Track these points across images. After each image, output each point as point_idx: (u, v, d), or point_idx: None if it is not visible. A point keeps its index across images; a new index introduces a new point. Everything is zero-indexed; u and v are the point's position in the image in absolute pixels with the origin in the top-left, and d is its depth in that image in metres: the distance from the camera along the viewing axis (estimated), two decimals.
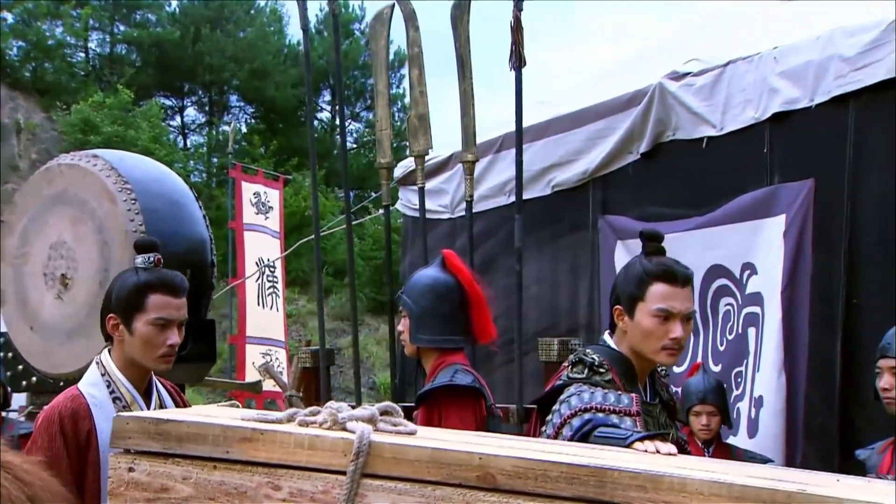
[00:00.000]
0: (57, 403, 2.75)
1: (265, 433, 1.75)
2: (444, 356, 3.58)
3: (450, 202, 6.52)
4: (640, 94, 5.25)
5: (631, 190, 5.35)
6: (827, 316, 4.34)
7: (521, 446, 1.80)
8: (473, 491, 1.69)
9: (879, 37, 4.22)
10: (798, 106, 4.55)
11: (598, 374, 2.70)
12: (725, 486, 1.57)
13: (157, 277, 2.84)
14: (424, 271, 3.77)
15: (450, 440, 1.82)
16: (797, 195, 4.46)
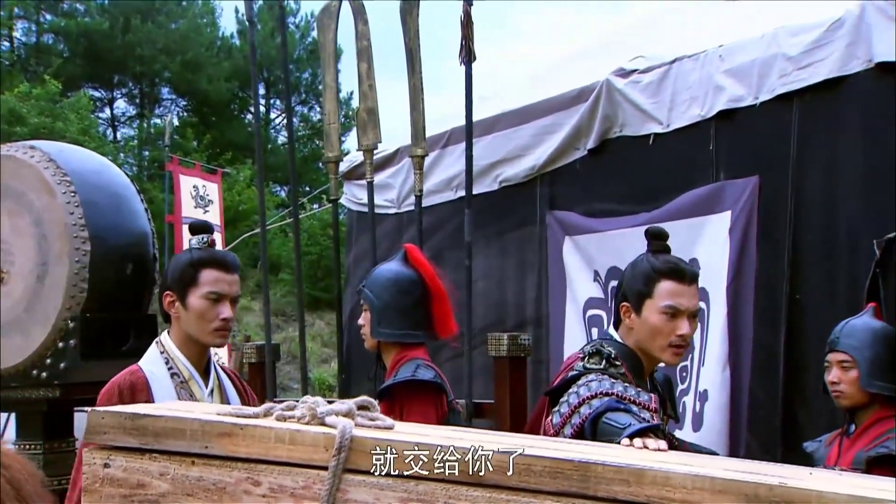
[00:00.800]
0: (117, 378, 2.90)
1: (245, 428, 1.73)
2: (405, 351, 3.58)
3: (396, 197, 6.50)
4: (588, 91, 5.30)
5: (578, 186, 5.39)
6: (771, 311, 4.42)
7: (504, 440, 1.80)
8: (456, 485, 1.68)
9: (822, 36, 4.31)
10: (743, 104, 4.63)
11: (614, 366, 2.72)
12: (708, 480, 1.58)
13: (209, 254, 3.00)
14: (386, 265, 3.75)
15: (431, 434, 1.82)
16: (742, 192, 4.54)
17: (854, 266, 4.08)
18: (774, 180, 4.45)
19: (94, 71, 25.99)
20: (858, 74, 4.17)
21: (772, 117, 4.50)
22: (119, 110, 28.41)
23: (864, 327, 3.46)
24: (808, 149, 4.37)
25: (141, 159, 25.45)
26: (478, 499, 1.67)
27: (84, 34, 25.18)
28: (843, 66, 4.22)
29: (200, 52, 26.23)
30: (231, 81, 26.58)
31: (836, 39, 4.26)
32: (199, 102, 27.00)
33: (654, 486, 1.61)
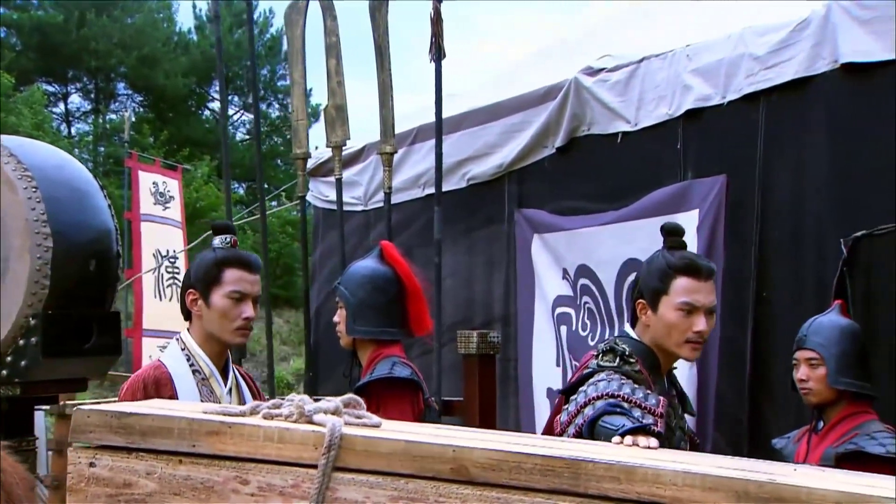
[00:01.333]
0: (141, 372, 2.97)
1: (233, 426, 1.71)
2: (381, 348, 3.57)
3: (363, 194, 6.48)
4: (556, 89, 5.31)
5: (546, 184, 5.40)
6: (738, 309, 4.46)
7: (494, 439, 1.80)
8: (447, 484, 1.67)
9: (788, 37, 4.35)
10: (710, 103, 4.66)
11: (628, 363, 2.71)
12: (699, 477, 1.59)
13: (233, 254, 3.05)
14: (362, 262, 3.74)
15: (420, 433, 1.81)
16: (710, 191, 4.58)
17: (820, 264, 4.12)
18: (741, 179, 4.49)
19: (47, 65, 25.57)
20: (824, 75, 4.21)
21: (739, 117, 4.54)
22: (73, 105, 28.02)
23: (832, 325, 3.50)
24: (775, 148, 4.41)
25: (96, 155, 25.10)
26: (468, 497, 1.67)
27: (37, 28, 24.78)
28: (810, 66, 4.26)
29: (157, 47, 25.92)
30: (188, 77, 26.30)
31: (802, 40, 4.30)
32: (156, 98, 26.69)
33: (644, 484, 1.61)
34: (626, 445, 2.10)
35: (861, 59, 4.06)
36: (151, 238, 10.38)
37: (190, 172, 21.72)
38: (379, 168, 5.83)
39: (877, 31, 3.99)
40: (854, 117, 4.10)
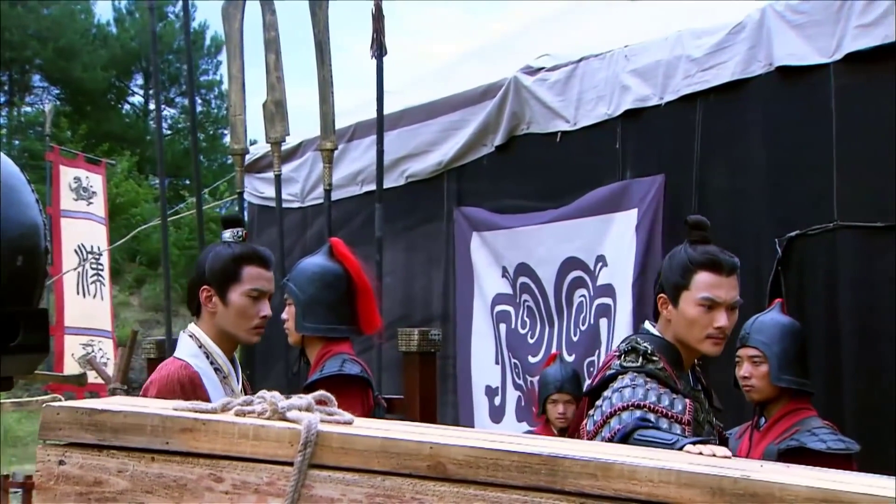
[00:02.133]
0: (170, 374, 2.77)
1: (208, 423, 1.68)
2: (330, 345, 3.54)
3: (300, 191, 6.43)
4: (495, 88, 5.34)
5: (486, 182, 5.43)
6: None
7: (471, 436, 1.80)
8: (424, 481, 1.66)
9: (724, 39, 4.44)
10: (648, 103, 4.73)
11: (651, 361, 2.68)
12: (674, 474, 1.61)
13: (251, 250, 2.91)
14: (311, 259, 3.71)
15: (394, 430, 1.80)
16: (648, 190, 4.65)
17: (757, 263, 4.21)
18: (679, 179, 4.57)
19: None
20: (760, 77, 4.31)
21: (677, 117, 4.62)
22: None
23: (773, 323, 3.58)
24: (712, 148, 4.50)
25: (11, 149, 24.42)
26: (445, 494, 1.67)
27: None
28: (745, 68, 4.35)
29: (75, 39, 25.29)
30: (108, 70, 25.76)
31: (738, 43, 4.39)
32: (74, 91, 26.04)
33: (620, 480, 1.62)
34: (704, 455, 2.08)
35: (795, 63, 4.16)
36: (73, 234, 10.15)
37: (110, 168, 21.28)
38: (316, 164, 5.79)
39: (810, 34, 4.09)
40: (789, 119, 4.20)
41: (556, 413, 4.41)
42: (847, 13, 3.96)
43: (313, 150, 6.26)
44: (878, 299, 3.85)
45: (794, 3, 4.15)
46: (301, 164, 6.41)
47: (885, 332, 3.77)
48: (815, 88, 4.08)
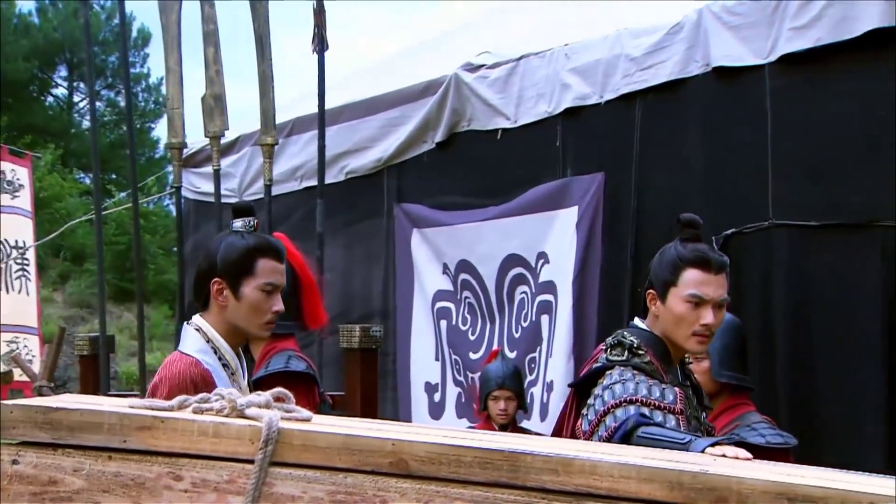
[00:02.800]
0: (180, 371, 2.61)
1: (166, 421, 1.65)
2: (275, 342, 3.49)
3: (237, 186, 6.36)
4: (436, 84, 5.34)
5: (426, 178, 5.43)
6: (615, 303, 4.59)
7: (433, 432, 1.80)
8: (386, 478, 1.66)
9: (663, 39, 4.50)
10: (588, 102, 4.78)
11: (637, 355, 2.68)
12: (635, 469, 1.63)
13: (265, 242, 2.74)
14: None
15: (355, 427, 1.79)
16: (588, 188, 4.69)
17: None
18: (619, 177, 4.63)
19: None
20: (697, 77, 4.38)
21: (616, 115, 4.67)
22: None
23: None
24: (651, 147, 4.56)
25: None
26: (407, 490, 1.67)
27: None
28: (683, 68, 4.42)
29: None
30: (30, 61, 25.12)
31: (676, 43, 4.46)
32: None
33: (582, 475, 1.64)
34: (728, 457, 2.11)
35: (731, 64, 4.23)
36: None
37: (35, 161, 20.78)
38: (255, 159, 5.74)
39: (745, 36, 4.17)
40: (726, 119, 4.28)
41: (498, 409, 4.43)
42: (781, 15, 4.04)
43: (251, 146, 6.19)
44: (812, 297, 3.95)
45: (730, 5, 4.22)
46: (238, 158, 6.34)
47: (818, 328, 3.86)
48: (751, 89, 4.15)
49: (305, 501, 1.66)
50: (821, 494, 1.59)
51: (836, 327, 3.83)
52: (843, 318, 3.81)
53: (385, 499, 1.66)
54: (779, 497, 1.59)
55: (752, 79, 4.15)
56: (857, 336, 3.78)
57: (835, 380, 3.79)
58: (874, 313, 3.71)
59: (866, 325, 3.75)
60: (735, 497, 1.61)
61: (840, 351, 3.81)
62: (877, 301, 3.72)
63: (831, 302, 3.84)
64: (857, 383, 3.74)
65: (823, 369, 3.83)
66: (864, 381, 3.71)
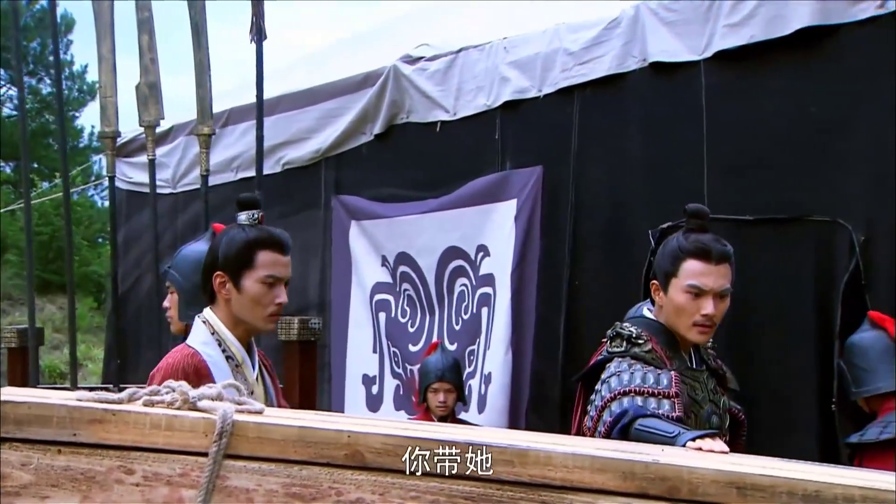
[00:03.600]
0: (176, 361, 2.68)
1: (118, 414, 1.62)
2: None
3: (171, 176, 6.26)
4: (374, 76, 5.32)
5: (365, 170, 5.41)
6: (553, 296, 4.63)
7: (389, 424, 1.79)
8: (341, 470, 1.65)
9: (600, 34, 4.54)
10: (527, 95, 4.81)
11: (637, 345, 2.69)
12: (588, 459, 1.65)
13: (266, 234, 2.77)
14: (194, 245, 3.60)
15: (308, 419, 1.78)
16: (527, 181, 4.72)
17: (633, 253, 4.31)
18: (557, 170, 4.66)
19: None
20: (635, 72, 4.43)
21: (555, 109, 4.70)
22: None
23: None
24: (589, 141, 4.60)
25: None
26: (363, 483, 1.66)
27: None
28: (621, 63, 4.47)
29: None
30: None
31: (614, 38, 4.50)
32: None
33: (536, 466, 1.65)
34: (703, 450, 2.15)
35: (668, 59, 4.29)
36: None
37: None
38: (189, 150, 5.66)
39: (681, 32, 4.23)
40: (663, 114, 4.33)
41: (437, 401, 4.45)
42: (716, 12, 4.10)
43: (185, 135, 6.11)
44: (747, 290, 4.00)
45: (666, 2, 4.27)
46: (172, 149, 6.25)
47: (754, 320, 3.93)
48: (687, 85, 4.21)
49: (260, 494, 1.65)
50: (769, 483, 1.62)
51: (771, 318, 3.91)
52: (778, 309, 3.90)
53: (340, 491, 1.65)
54: (728, 486, 1.63)
55: (689, 74, 4.21)
56: (792, 327, 3.87)
57: (771, 369, 3.88)
58: (807, 305, 3.80)
59: (800, 317, 3.84)
60: (686, 486, 1.64)
61: (775, 341, 3.90)
62: (809, 293, 3.80)
63: (766, 294, 3.92)
64: (792, 372, 3.83)
65: (759, 359, 3.90)
66: (799, 370, 3.80)
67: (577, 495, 1.64)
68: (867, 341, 3.49)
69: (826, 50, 3.82)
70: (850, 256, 3.64)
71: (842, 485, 1.61)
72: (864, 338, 3.50)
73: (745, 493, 1.62)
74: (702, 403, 2.77)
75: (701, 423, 2.71)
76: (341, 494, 1.65)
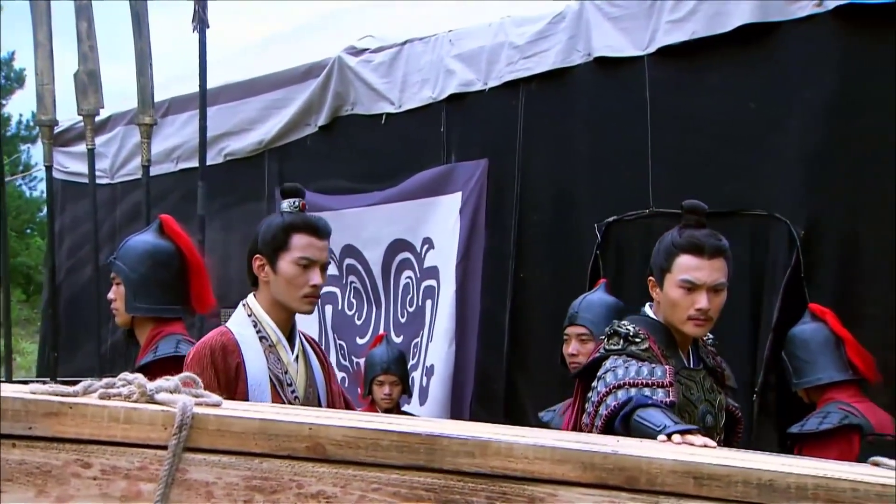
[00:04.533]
0: (208, 339, 2.85)
1: (75, 407, 1.58)
2: (162, 326, 3.41)
3: (109, 166, 6.14)
4: (318, 67, 5.29)
5: (309, 162, 5.37)
6: (498, 288, 4.65)
7: (349, 416, 1.79)
8: (303, 462, 1.64)
9: (545, 28, 4.57)
10: (473, 88, 4.82)
11: (634, 343, 2.70)
12: (549, 450, 1.66)
13: (301, 219, 2.91)
14: (140, 237, 3.54)
15: (267, 412, 1.77)
16: (472, 174, 4.74)
17: (577, 245, 4.37)
18: (502, 163, 4.68)
19: None
20: (580, 66, 4.47)
21: (500, 102, 4.72)
22: None
23: (600, 302, 3.72)
24: (535, 134, 4.62)
25: None
26: (324, 475, 1.65)
27: None
28: (566, 58, 4.50)
29: None
30: None
31: (559, 32, 4.53)
32: None
33: (498, 458, 1.66)
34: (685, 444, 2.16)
35: (612, 54, 4.33)
36: None
37: None
38: (127, 140, 5.57)
39: (625, 27, 4.28)
40: (608, 108, 4.37)
41: (382, 394, 4.44)
42: (659, 9, 4.16)
43: (124, 125, 6.01)
44: None
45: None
46: (110, 138, 6.14)
47: None
48: (632, 79, 4.26)
49: (220, 487, 1.63)
50: (724, 472, 1.65)
51: None
52: None
53: (301, 483, 1.64)
54: (685, 475, 1.65)
55: (633, 69, 4.26)
56: (729, 319, 3.92)
57: None
58: (743, 298, 3.85)
59: (734, 309, 3.89)
60: (644, 476, 1.66)
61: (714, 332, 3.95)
62: (745, 286, 3.85)
63: None
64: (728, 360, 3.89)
65: None
66: (734, 358, 3.85)
67: (538, 486, 1.65)
68: (807, 333, 3.56)
69: (765, 47, 3.89)
70: (789, 250, 3.70)
71: (795, 474, 1.64)
72: (805, 330, 3.57)
73: (702, 482, 1.64)
74: (696, 403, 2.80)
75: (695, 422, 2.73)
76: (302, 487, 1.64)
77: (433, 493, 1.64)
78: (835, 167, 3.68)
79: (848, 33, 3.65)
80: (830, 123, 3.68)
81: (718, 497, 1.63)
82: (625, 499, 1.64)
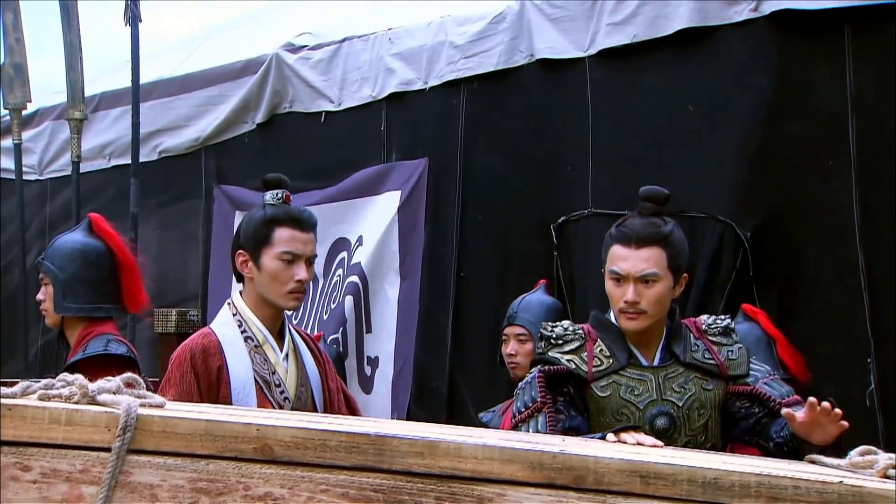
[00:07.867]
0: (189, 342, 2.78)
1: (14, 408, 1.54)
2: (93, 326, 3.33)
3: (38, 162, 6.00)
4: (255, 63, 5.23)
5: (247, 160, 5.30)
6: (440, 287, 4.63)
7: (297, 417, 1.76)
8: (250, 464, 1.61)
9: (486, 28, 4.57)
10: (413, 87, 4.80)
11: (558, 346, 2.61)
12: (497, 450, 1.65)
13: (283, 211, 2.79)
14: (69, 235, 3.46)
15: (213, 413, 1.73)
16: (412, 173, 4.72)
17: (520, 245, 4.37)
18: (443, 163, 4.67)
19: None
20: (522, 67, 4.46)
21: (441, 102, 4.71)
22: None
23: (539, 303, 3.72)
24: (477, 134, 4.61)
25: None
26: (271, 476, 1.63)
27: None
28: (509, 58, 4.49)
29: None
30: None
31: (500, 33, 4.53)
32: None
33: (447, 458, 1.65)
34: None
35: (554, 56, 4.34)
36: None
37: None
38: (56, 135, 5.44)
39: (566, 28, 4.29)
40: (550, 109, 4.38)
41: None
42: (599, 11, 4.17)
43: (52, 120, 5.88)
44: None
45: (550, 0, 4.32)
46: (38, 133, 5.99)
47: None
48: (573, 81, 4.27)
49: (165, 490, 1.60)
50: (670, 471, 1.66)
51: None
52: None
53: (248, 485, 1.62)
54: (632, 475, 1.66)
55: (574, 71, 4.27)
56: None
57: None
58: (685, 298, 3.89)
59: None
60: (592, 476, 1.66)
61: None
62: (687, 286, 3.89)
63: None
64: None
65: None
66: None
67: (487, 486, 1.65)
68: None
69: (704, 49, 3.93)
70: (734, 250, 3.74)
71: (739, 472, 1.66)
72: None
73: (648, 481, 1.65)
74: (639, 404, 2.62)
75: (638, 423, 2.55)
76: (249, 489, 1.62)
77: (382, 494, 1.63)
78: (772, 167, 3.74)
79: (783, 37, 3.71)
80: (768, 124, 3.74)
81: (664, 495, 1.64)
82: (572, 498, 1.64)
